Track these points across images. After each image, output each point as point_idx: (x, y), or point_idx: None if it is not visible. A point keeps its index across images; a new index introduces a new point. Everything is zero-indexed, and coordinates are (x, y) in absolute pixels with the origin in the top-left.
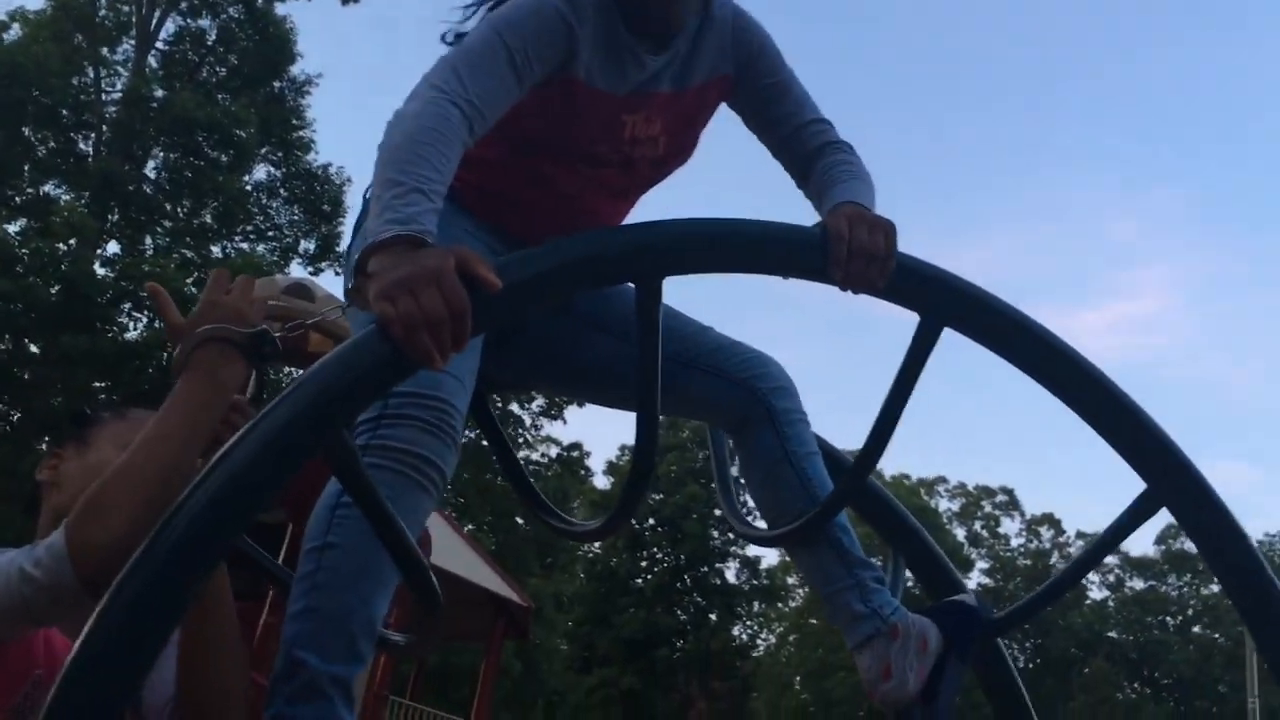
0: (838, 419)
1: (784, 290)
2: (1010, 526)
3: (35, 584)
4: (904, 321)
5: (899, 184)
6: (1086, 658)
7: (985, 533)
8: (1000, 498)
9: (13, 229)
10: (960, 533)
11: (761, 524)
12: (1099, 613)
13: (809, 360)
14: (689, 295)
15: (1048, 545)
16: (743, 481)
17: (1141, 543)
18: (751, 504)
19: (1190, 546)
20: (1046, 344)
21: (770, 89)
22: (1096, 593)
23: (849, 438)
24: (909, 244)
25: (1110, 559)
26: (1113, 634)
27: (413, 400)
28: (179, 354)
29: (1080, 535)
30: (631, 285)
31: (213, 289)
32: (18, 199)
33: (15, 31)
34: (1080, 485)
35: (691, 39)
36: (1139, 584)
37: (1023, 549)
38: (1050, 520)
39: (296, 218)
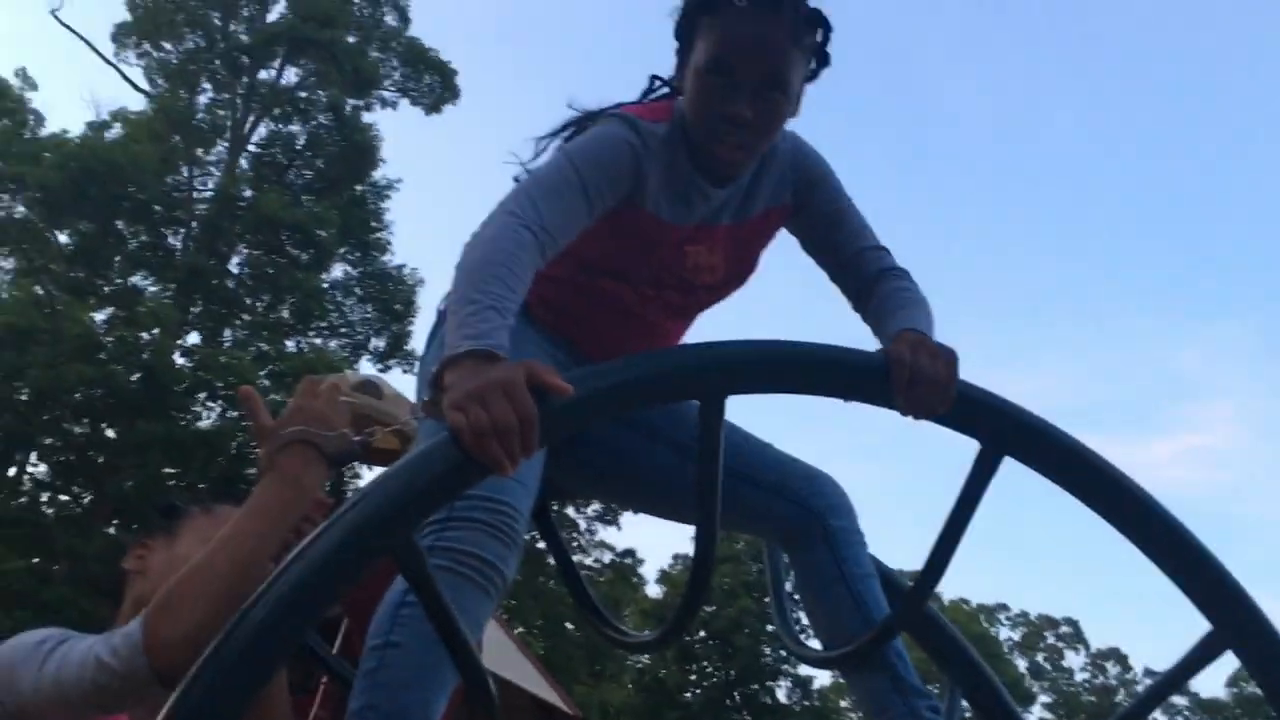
0: (895, 534)
1: (839, 408)
2: (1074, 660)
3: (111, 672)
4: (965, 442)
5: (962, 308)
6: None
7: (1048, 665)
8: (1064, 629)
9: (99, 317)
10: (1022, 664)
11: (816, 644)
12: None
13: (865, 478)
14: (747, 409)
15: (1114, 681)
16: (797, 599)
17: (1212, 684)
18: (806, 622)
19: None
20: (1107, 477)
21: (829, 215)
22: None
23: (906, 555)
24: (970, 369)
25: (1179, 700)
26: None
27: (478, 504)
28: (264, 454)
29: (1148, 673)
30: (695, 401)
31: (303, 395)
32: (106, 289)
33: (116, 130)
34: (1149, 618)
35: (754, 172)
36: None
37: (1087, 684)
38: (1116, 655)
39: (369, 315)
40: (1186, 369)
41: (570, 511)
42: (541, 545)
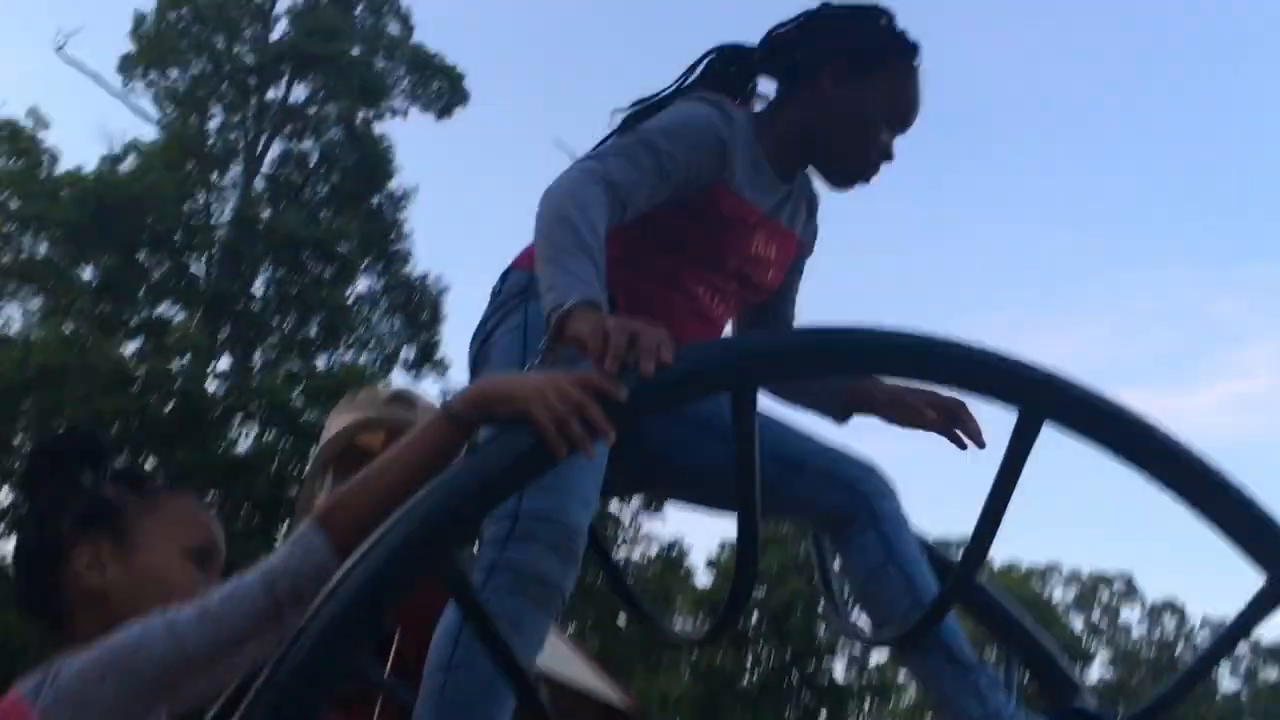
0: (936, 507)
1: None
2: (1131, 615)
3: (285, 572)
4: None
5: (990, 271)
6: None
7: (1105, 622)
8: (1118, 585)
9: (129, 350)
10: (1078, 623)
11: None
12: (1232, 706)
13: (900, 452)
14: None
15: (1172, 634)
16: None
17: (1273, 630)
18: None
19: None
20: (1150, 436)
21: (799, 270)
22: (1229, 684)
23: (948, 527)
24: (1003, 332)
25: (1241, 648)
26: None
27: (540, 522)
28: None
29: (1206, 623)
30: None
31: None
32: (133, 321)
33: (130, 162)
34: (1204, 566)
35: (800, 187)
36: (1274, 673)
37: (1146, 639)
38: (1173, 608)
39: (397, 327)
40: (1222, 315)
41: (613, 505)
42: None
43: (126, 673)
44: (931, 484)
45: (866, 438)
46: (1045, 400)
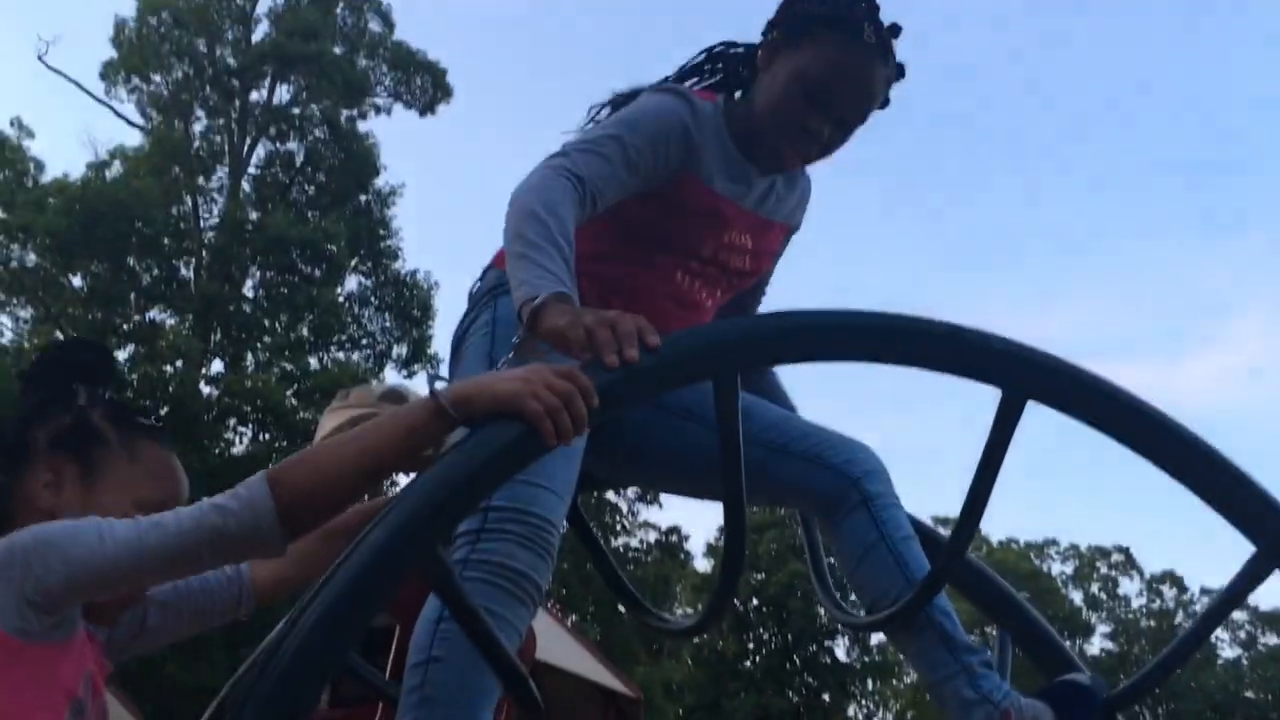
0: (929, 486)
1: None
2: (1130, 587)
3: (226, 512)
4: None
5: (977, 254)
6: None
7: (1104, 595)
8: (1116, 557)
9: (121, 356)
10: (1077, 596)
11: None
12: (1233, 672)
13: (890, 431)
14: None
15: (1171, 604)
16: (836, 566)
17: (1272, 596)
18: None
19: None
20: (1132, 410)
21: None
22: (1228, 651)
23: (944, 504)
24: (993, 314)
25: (1240, 615)
26: (1249, 694)
27: (510, 516)
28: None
29: (1205, 591)
30: None
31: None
32: (125, 327)
33: (116, 168)
34: (1200, 536)
35: (786, 181)
36: (1273, 639)
37: (1145, 609)
38: (1172, 578)
39: (388, 325)
40: (1210, 286)
41: (610, 495)
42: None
43: (56, 556)
44: (926, 462)
45: (857, 417)
46: (1028, 378)
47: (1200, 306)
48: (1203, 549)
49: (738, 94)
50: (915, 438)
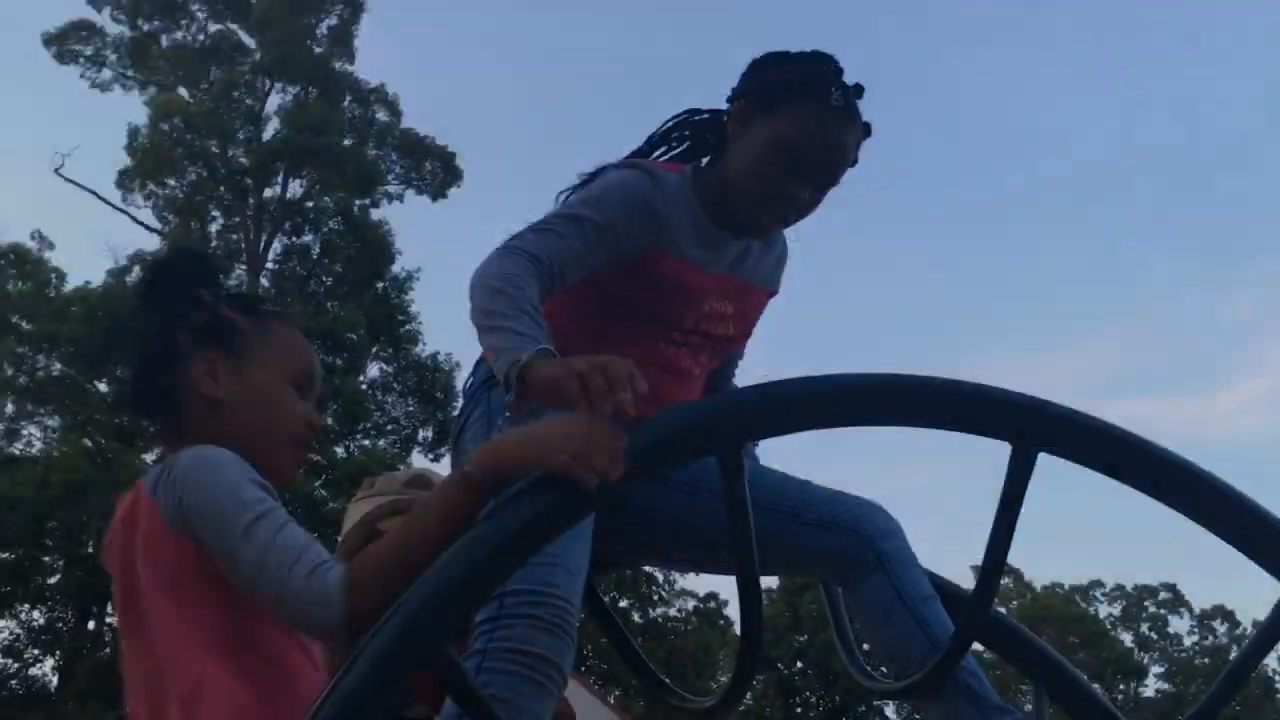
0: (949, 539)
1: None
2: (1180, 624)
3: (302, 589)
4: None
5: (998, 293)
6: None
7: (1154, 634)
8: (1164, 595)
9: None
10: (1127, 638)
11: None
12: None
13: (907, 488)
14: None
15: (1225, 639)
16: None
17: None
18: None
19: None
20: (1147, 456)
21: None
22: None
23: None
24: (1008, 357)
25: None
26: None
27: (526, 599)
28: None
29: (1257, 625)
30: None
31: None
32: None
33: (135, 273)
34: (1246, 567)
35: (763, 245)
36: None
37: (1197, 647)
38: (1222, 613)
39: (411, 409)
40: (1234, 313)
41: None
42: (624, 604)
43: (221, 521)
44: (946, 516)
45: (870, 474)
46: (1034, 431)
47: (1225, 334)
48: (1250, 580)
49: (704, 161)
50: (939, 486)
